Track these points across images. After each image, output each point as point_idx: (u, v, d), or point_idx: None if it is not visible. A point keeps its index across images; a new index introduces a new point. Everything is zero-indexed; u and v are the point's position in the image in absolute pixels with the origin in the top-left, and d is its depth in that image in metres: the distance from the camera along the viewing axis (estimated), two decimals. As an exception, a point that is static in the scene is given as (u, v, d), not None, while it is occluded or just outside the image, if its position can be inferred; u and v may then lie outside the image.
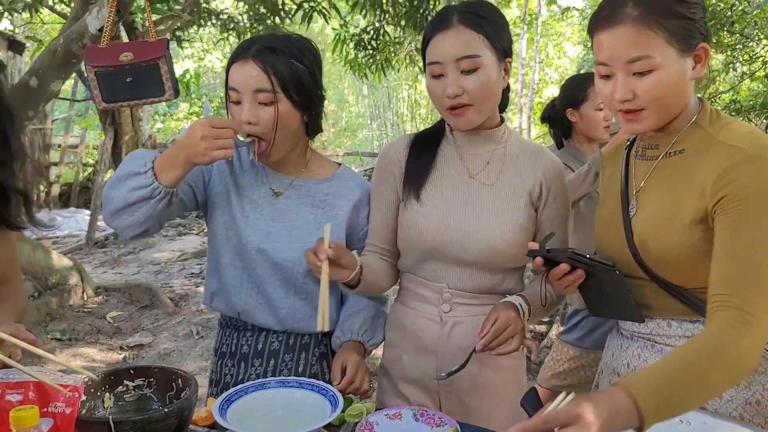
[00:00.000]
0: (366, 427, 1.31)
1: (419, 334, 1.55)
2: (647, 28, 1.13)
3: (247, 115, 1.47)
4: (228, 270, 1.59)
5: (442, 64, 1.41)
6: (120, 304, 5.36)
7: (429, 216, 1.49)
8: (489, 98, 1.44)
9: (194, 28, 8.03)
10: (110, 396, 1.27)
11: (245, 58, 1.48)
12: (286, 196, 1.61)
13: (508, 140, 1.54)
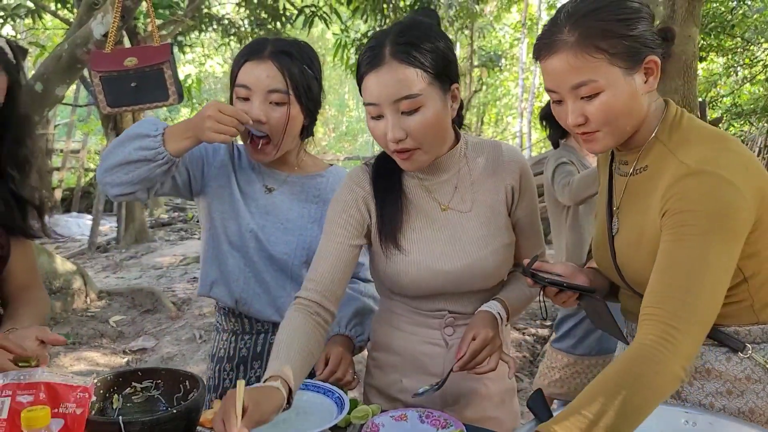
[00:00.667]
0: (371, 428, 1.32)
1: (422, 358, 1.48)
2: (585, 53, 1.10)
3: (258, 113, 1.50)
4: (228, 258, 1.61)
5: (379, 106, 1.28)
6: (123, 308, 5.38)
7: (417, 264, 1.40)
8: (436, 137, 1.32)
9: (195, 34, 8.07)
10: (118, 397, 1.28)
11: (261, 58, 1.51)
12: (279, 192, 1.65)
13: (468, 154, 1.45)
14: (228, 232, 1.60)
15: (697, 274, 1.05)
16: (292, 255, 1.60)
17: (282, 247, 1.60)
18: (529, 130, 15.64)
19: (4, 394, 1.04)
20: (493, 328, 1.36)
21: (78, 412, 1.06)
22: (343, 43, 7.12)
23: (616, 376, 1.00)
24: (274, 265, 1.60)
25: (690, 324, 1.02)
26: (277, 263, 1.60)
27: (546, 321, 5.03)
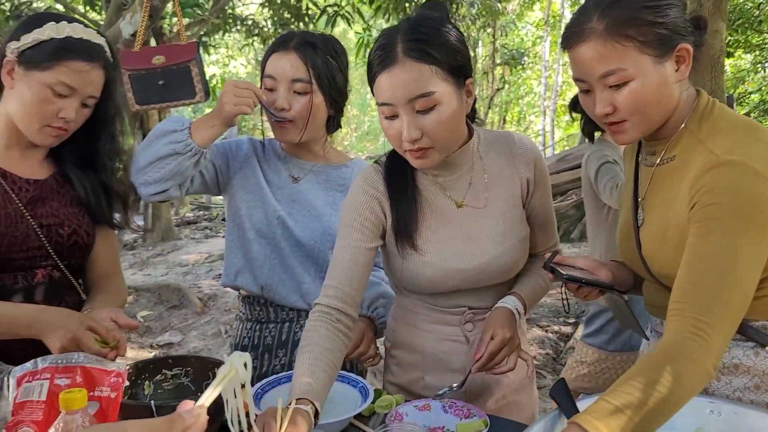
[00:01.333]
0: (395, 417, 1.33)
1: (442, 356, 1.47)
2: (614, 41, 1.09)
3: (282, 101, 1.57)
4: (253, 245, 1.64)
5: (394, 106, 1.25)
6: (150, 303, 5.47)
7: (434, 264, 1.38)
8: (452, 134, 1.30)
9: (219, 34, 8.16)
10: (150, 384, 1.31)
11: (286, 49, 1.57)
12: (305, 180, 1.69)
13: (481, 149, 1.43)
14: (254, 220, 1.64)
15: (727, 269, 1.03)
16: (318, 241, 1.63)
17: (308, 233, 1.63)
18: (552, 128, 15.53)
19: (43, 377, 1.07)
20: (510, 327, 1.36)
21: (112, 395, 1.09)
22: (366, 42, 7.15)
23: (648, 372, 0.98)
24: (300, 251, 1.64)
25: (720, 320, 1.01)
26: (303, 249, 1.64)
27: (569, 318, 5.00)
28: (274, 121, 1.60)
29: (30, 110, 1.35)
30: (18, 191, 1.41)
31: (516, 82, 17.65)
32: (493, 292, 1.45)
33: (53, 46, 1.34)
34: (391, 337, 1.58)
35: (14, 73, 1.36)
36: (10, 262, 1.37)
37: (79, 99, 1.38)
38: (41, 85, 1.34)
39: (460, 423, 1.33)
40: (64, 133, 1.41)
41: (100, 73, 1.40)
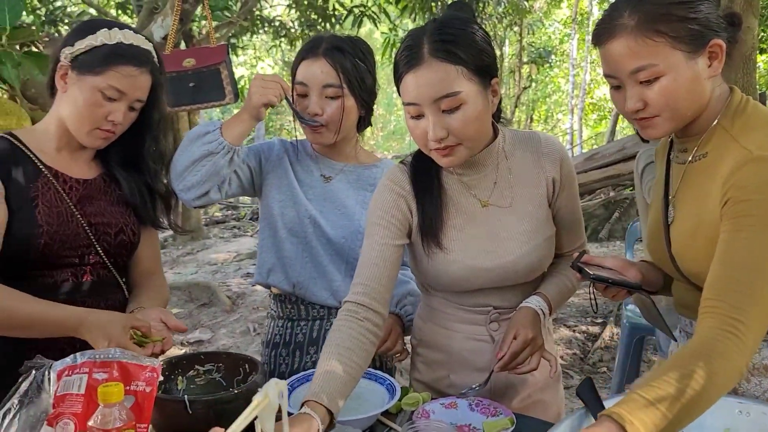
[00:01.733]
0: (422, 414, 1.35)
1: (468, 355, 1.48)
2: (646, 36, 1.09)
3: (314, 106, 1.61)
4: (285, 244, 1.68)
5: (420, 106, 1.26)
6: (180, 301, 5.56)
7: (459, 263, 1.39)
8: (477, 133, 1.31)
9: (247, 36, 8.24)
10: (183, 379, 1.35)
11: (315, 55, 1.61)
12: (336, 180, 1.72)
13: (507, 148, 1.44)
14: (286, 219, 1.67)
15: (760, 266, 1.02)
16: (349, 239, 1.66)
17: (339, 231, 1.66)
18: (579, 127, 15.37)
19: (82, 371, 1.10)
20: (534, 327, 1.36)
21: (147, 390, 1.11)
22: (392, 42, 7.17)
23: (681, 368, 0.97)
24: (331, 249, 1.67)
25: (754, 318, 1.00)
26: (334, 247, 1.67)
27: (597, 318, 4.96)
28: (307, 126, 1.64)
29: (81, 113, 1.40)
30: (69, 190, 1.46)
31: (543, 80, 17.50)
32: (519, 292, 1.46)
33: (105, 51, 1.39)
34: (417, 335, 1.60)
35: (67, 77, 1.41)
36: (61, 260, 1.42)
37: (127, 103, 1.42)
38: (93, 88, 1.38)
39: (486, 421, 1.33)
40: (112, 135, 1.45)
41: (148, 78, 1.44)
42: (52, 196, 1.43)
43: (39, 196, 1.40)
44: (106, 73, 1.38)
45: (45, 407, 1.10)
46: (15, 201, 1.37)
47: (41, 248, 1.38)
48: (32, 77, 2.49)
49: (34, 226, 1.37)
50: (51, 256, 1.40)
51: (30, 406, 1.11)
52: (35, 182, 1.41)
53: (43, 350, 1.22)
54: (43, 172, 1.43)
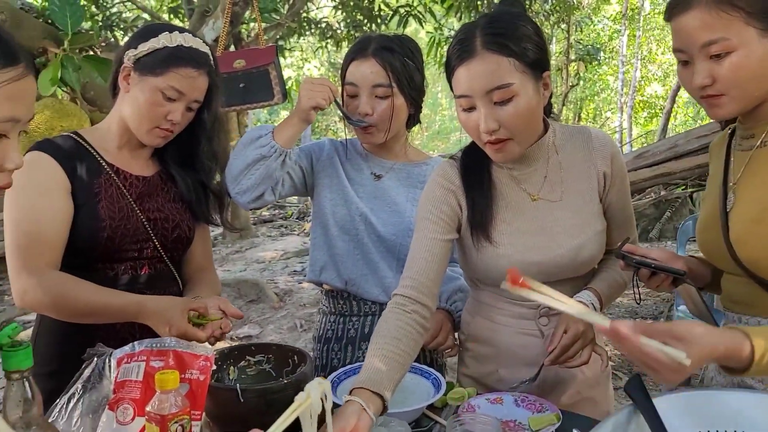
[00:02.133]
0: (468, 409, 1.35)
1: (517, 350, 1.48)
2: (721, 9, 1.08)
3: (365, 106, 1.64)
4: (337, 242, 1.71)
5: (472, 98, 1.27)
6: (230, 298, 5.67)
7: (508, 257, 1.39)
8: (529, 126, 1.32)
9: (295, 37, 8.34)
10: (234, 369, 1.38)
11: (365, 56, 1.64)
12: (387, 178, 1.75)
13: (557, 142, 1.44)
14: (337, 217, 1.71)
15: None
16: (399, 236, 1.68)
17: (390, 228, 1.68)
18: (629, 125, 15.01)
19: (140, 359, 1.15)
20: (584, 321, 1.35)
21: (201, 378, 1.15)
22: (437, 41, 7.16)
23: None
24: (382, 246, 1.69)
25: None
26: (385, 244, 1.69)
27: (646, 318, 4.85)
28: (357, 126, 1.67)
29: (142, 112, 1.46)
30: (129, 187, 1.53)
31: (591, 78, 17.17)
32: (569, 287, 1.43)
33: (166, 53, 1.44)
34: (466, 330, 1.60)
35: (130, 78, 1.47)
36: (122, 253, 1.49)
37: (185, 103, 1.47)
38: (154, 89, 1.44)
39: (532, 417, 1.33)
40: (170, 134, 1.51)
41: (205, 80, 1.49)
42: (114, 191, 1.49)
43: (102, 191, 1.47)
44: (166, 74, 1.43)
45: (106, 393, 1.15)
46: (80, 196, 1.44)
47: (104, 242, 1.45)
48: (91, 80, 2.59)
49: (98, 220, 1.44)
50: (113, 249, 1.46)
51: (92, 391, 1.17)
52: (98, 178, 1.48)
53: (105, 339, 1.28)
54: (105, 168, 1.50)
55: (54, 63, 2.45)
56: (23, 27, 2.82)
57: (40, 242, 1.39)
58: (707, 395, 1.12)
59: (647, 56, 16.92)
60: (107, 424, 1.09)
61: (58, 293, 1.36)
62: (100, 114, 2.40)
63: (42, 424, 0.92)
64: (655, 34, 16.81)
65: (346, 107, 1.68)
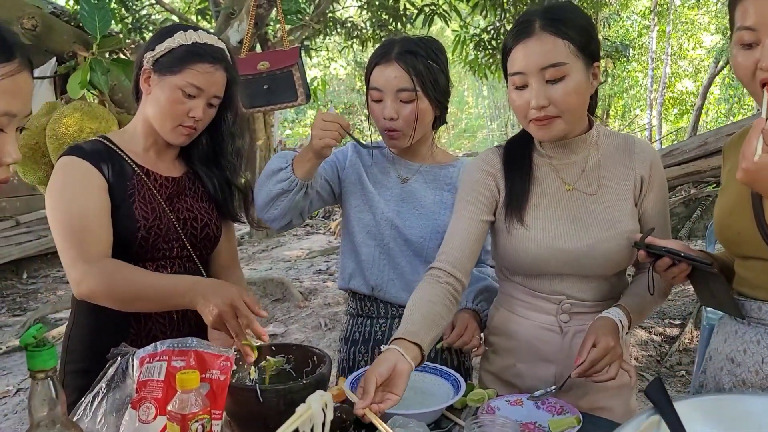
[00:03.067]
0: (487, 411, 1.35)
1: (536, 344, 1.51)
2: None
3: (389, 111, 1.62)
4: (362, 248, 1.72)
5: (525, 75, 1.33)
6: (255, 296, 5.70)
7: (538, 241, 1.42)
8: (577, 107, 1.36)
9: (320, 38, 8.38)
10: (255, 369, 1.40)
11: (388, 60, 1.63)
12: (413, 180, 1.74)
13: (600, 142, 1.48)
14: (362, 223, 1.72)
15: None
16: (427, 238, 1.68)
17: (417, 231, 1.69)
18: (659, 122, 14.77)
19: (162, 358, 1.17)
20: (614, 336, 1.34)
21: (222, 378, 1.16)
22: (463, 40, 7.12)
23: None
24: (409, 250, 1.70)
25: None
26: (412, 247, 1.69)
27: (675, 320, 4.77)
28: (383, 131, 1.67)
29: (164, 111, 1.49)
30: (159, 188, 1.56)
31: (620, 75, 16.92)
32: (594, 285, 1.46)
33: (182, 51, 1.48)
34: (489, 324, 1.63)
35: (150, 80, 1.51)
36: (155, 252, 1.53)
37: (205, 99, 1.50)
38: (173, 87, 1.47)
39: (552, 419, 1.32)
40: (194, 131, 1.54)
41: (223, 75, 1.52)
42: (146, 193, 1.53)
43: (135, 193, 1.51)
44: (184, 72, 1.47)
45: (129, 392, 1.17)
46: (115, 197, 1.48)
47: (139, 241, 1.49)
48: (119, 83, 2.63)
49: (133, 221, 1.48)
50: (147, 248, 1.51)
51: (116, 390, 1.19)
52: (130, 180, 1.52)
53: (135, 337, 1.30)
54: (135, 170, 1.54)
55: (83, 66, 2.49)
56: (54, 31, 2.88)
57: (92, 233, 1.42)
58: (729, 399, 1.10)
59: (677, 52, 16.61)
60: (130, 423, 1.11)
61: (113, 278, 1.38)
62: (128, 116, 2.44)
63: (66, 423, 0.94)
64: (686, 29, 16.50)
65: (371, 113, 1.68)
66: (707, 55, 16.46)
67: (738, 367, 1.28)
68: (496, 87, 19.33)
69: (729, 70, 13.05)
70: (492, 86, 19.36)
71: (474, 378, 1.79)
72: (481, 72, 7.18)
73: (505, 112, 22.02)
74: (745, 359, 1.27)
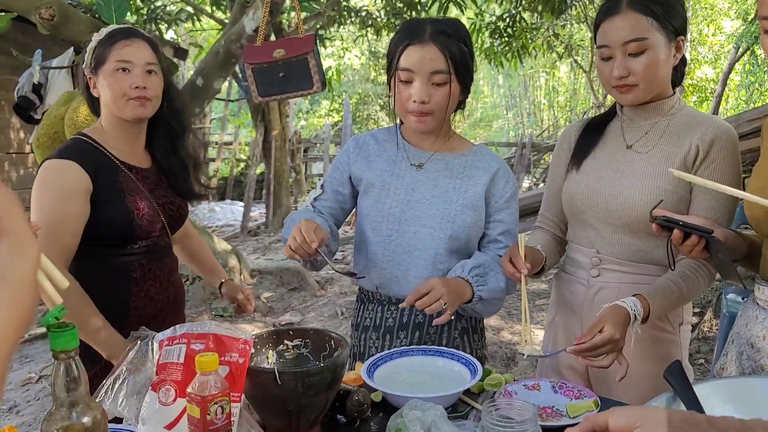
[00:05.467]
0: (504, 395, 1.35)
1: (568, 296, 1.68)
2: None
3: (422, 94, 1.57)
4: (369, 245, 1.70)
5: (610, 48, 1.47)
6: (272, 285, 5.76)
7: (581, 183, 1.61)
8: (655, 78, 1.48)
9: (335, 27, 8.36)
10: (273, 353, 1.41)
11: (422, 40, 1.56)
12: (426, 169, 1.70)
13: (677, 113, 1.56)
14: (369, 218, 1.70)
15: None
16: (437, 228, 1.64)
17: (427, 221, 1.65)
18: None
19: (181, 341, 1.18)
20: (622, 328, 1.35)
21: (240, 361, 1.17)
22: (478, 27, 7.06)
23: None
24: (416, 248, 1.65)
25: None
26: (420, 241, 1.65)
27: (694, 308, 4.72)
28: (410, 114, 1.60)
29: (111, 94, 1.66)
30: (142, 180, 1.75)
31: (639, 61, 16.68)
32: (625, 241, 1.56)
33: (101, 44, 1.68)
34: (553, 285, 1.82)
35: (93, 81, 1.71)
36: (147, 234, 1.72)
37: (140, 68, 1.67)
38: (109, 72, 1.66)
39: (570, 403, 1.32)
40: (147, 101, 1.69)
41: (145, 44, 1.69)
42: (133, 186, 1.72)
43: (125, 187, 1.69)
44: (109, 56, 1.66)
45: (149, 374, 1.19)
46: (107, 194, 1.65)
47: (135, 229, 1.69)
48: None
49: (129, 213, 1.67)
50: (141, 233, 1.71)
51: (136, 373, 1.21)
52: (117, 176, 1.69)
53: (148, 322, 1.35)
54: (119, 167, 1.71)
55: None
56: (71, 21, 2.90)
57: (59, 244, 1.57)
58: (748, 382, 1.09)
59: (697, 38, 16.34)
60: (150, 405, 1.12)
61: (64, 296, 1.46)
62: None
63: (88, 403, 0.95)
64: (705, 14, 16.22)
65: (398, 96, 1.61)
66: (727, 41, 16.16)
67: (757, 353, 1.28)
68: (511, 75, 19.17)
69: (749, 56, 12.82)
70: (508, 75, 19.19)
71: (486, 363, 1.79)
72: (497, 60, 7.13)
73: (520, 101, 21.84)
74: (764, 345, 1.26)
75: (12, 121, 6.25)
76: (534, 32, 7.33)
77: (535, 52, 7.79)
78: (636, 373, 1.47)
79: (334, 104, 18.76)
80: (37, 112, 2.89)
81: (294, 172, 11.00)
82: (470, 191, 1.66)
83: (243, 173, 12.97)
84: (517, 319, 4.92)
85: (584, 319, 1.61)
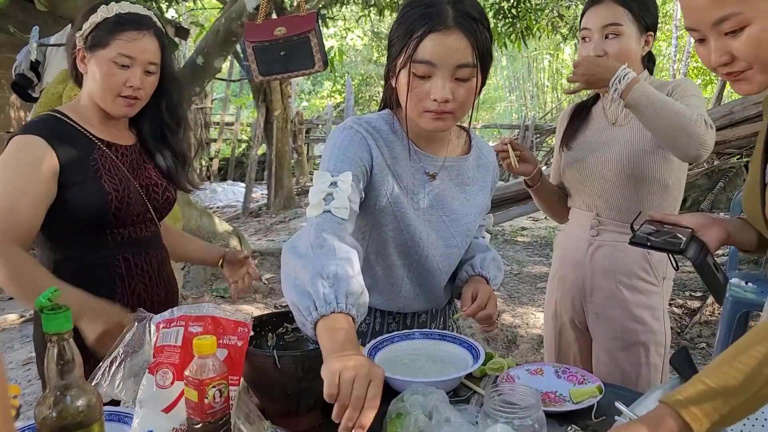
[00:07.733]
0: (507, 380, 1.34)
1: (570, 253, 1.97)
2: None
3: (445, 92, 1.30)
4: (386, 269, 1.52)
5: (591, 30, 1.80)
6: (273, 267, 5.75)
7: (573, 157, 1.93)
8: (626, 60, 1.75)
9: (337, 6, 8.27)
10: (272, 336, 1.39)
11: (447, 27, 1.27)
12: (440, 179, 1.49)
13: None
14: (396, 242, 1.48)
15: None
16: (460, 246, 1.54)
17: (451, 240, 1.51)
18: (683, 93, 14.42)
19: (179, 324, 1.16)
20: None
21: (239, 344, 1.15)
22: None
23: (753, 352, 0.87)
24: (442, 264, 1.54)
25: None
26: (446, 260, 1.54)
27: (696, 292, 4.72)
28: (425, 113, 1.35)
29: (102, 85, 1.53)
30: (122, 158, 1.61)
31: (644, 43, 16.57)
32: (619, 197, 1.84)
33: (107, 24, 1.52)
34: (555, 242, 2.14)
35: (85, 59, 1.55)
36: (127, 219, 1.58)
37: (140, 67, 1.54)
38: (105, 61, 1.51)
39: (573, 388, 1.31)
40: (136, 101, 1.57)
41: (153, 40, 1.55)
42: (111, 165, 1.56)
43: (100, 167, 1.54)
44: (112, 43, 1.51)
45: (146, 357, 1.17)
46: (79, 173, 1.50)
47: (112, 212, 1.53)
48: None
49: (104, 194, 1.51)
50: (120, 217, 1.55)
51: (133, 355, 1.19)
52: (93, 154, 1.54)
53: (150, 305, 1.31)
54: (96, 143, 1.57)
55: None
56: (69, -2, 2.85)
57: (13, 221, 1.42)
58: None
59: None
60: (147, 388, 1.10)
61: (16, 269, 1.39)
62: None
63: (82, 386, 0.93)
64: (713, -3, 16.02)
65: (411, 90, 1.33)
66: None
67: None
68: (515, 57, 19.03)
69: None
70: (511, 56, 19.06)
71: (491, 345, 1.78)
72: (501, 41, 7.05)
73: (523, 83, 21.71)
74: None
75: (11, 100, 6.21)
76: (538, 13, 7.23)
77: (540, 33, 7.69)
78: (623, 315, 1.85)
79: (336, 85, 18.67)
80: (35, 90, 2.86)
81: (296, 153, 10.96)
82: (479, 196, 1.55)
83: (245, 154, 12.94)
84: (518, 302, 4.91)
85: (585, 274, 1.92)
